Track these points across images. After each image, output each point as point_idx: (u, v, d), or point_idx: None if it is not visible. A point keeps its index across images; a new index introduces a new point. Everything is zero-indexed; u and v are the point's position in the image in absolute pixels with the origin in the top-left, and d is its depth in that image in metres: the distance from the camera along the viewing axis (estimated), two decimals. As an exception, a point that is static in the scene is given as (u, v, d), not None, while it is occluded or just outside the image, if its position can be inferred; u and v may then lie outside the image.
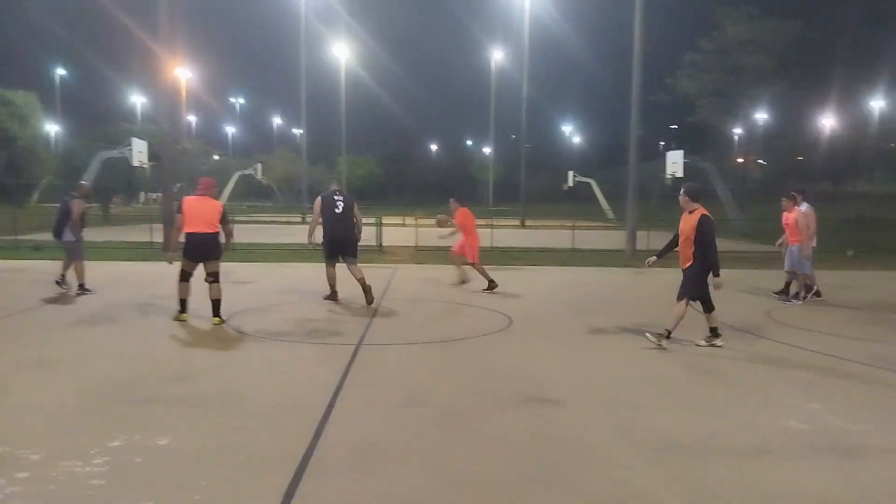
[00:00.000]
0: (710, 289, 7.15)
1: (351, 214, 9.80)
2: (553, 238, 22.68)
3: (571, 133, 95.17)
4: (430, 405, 5.18)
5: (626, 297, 11.53)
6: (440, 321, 8.88)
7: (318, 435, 4.45)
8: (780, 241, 11.31)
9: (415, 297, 10.69)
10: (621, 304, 10.46)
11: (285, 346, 7.10)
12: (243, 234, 19.58)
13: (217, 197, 8.78)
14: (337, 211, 9.69)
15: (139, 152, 24.38)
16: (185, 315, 8.34)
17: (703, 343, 7.25)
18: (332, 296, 9.97)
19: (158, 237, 17.93)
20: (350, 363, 6.36)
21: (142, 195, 59.22)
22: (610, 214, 44.91)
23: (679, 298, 7.08)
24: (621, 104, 20.69)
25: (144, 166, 25.77)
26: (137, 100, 62.28)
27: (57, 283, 10.40)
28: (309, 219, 15.46)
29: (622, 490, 3.76)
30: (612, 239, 22.01)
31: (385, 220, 20.70)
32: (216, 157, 65.85)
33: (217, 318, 8.15)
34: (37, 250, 16.27)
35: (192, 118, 66.32)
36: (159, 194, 55.32)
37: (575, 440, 4.51)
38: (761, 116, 46.88)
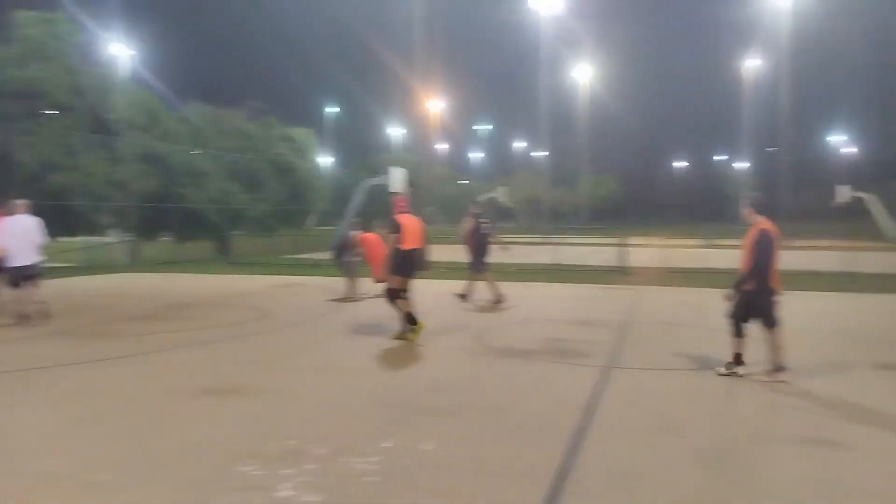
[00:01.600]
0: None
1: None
2: (817, 260, 20.36)
3: (841, 144, 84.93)
4: (690, 435, 4.89)
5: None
6: (696, 347, 8.39)
7: (572, 454, 4.42)
8: None
9: (665, 321, 10.24)
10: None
11: (535, 365, 7.19)
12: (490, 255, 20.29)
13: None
14: (483, 232, 11.63)
15: (397, 179, 26.57)
16: (417, 326, 8.30)
17: (723, 371, 6.63)
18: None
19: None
20: (601, 385, 6.26)
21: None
22: (893, 233, 39.24)
23: (768, 327, 6.41)
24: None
25: (401, 192, 27.96)
26: (396, 131, 67.93)
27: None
28: (549, 239, 15.65)
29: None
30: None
31: (628, 240, 20.19)
32: (462, 182, 69.33)
33: (421, 325, 8.41)
34: (314, 267, 18.40)
35: (442, 145, 70.70)
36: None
37: (859, 488, 3.96)
38: None
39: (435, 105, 45.99)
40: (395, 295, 8.25)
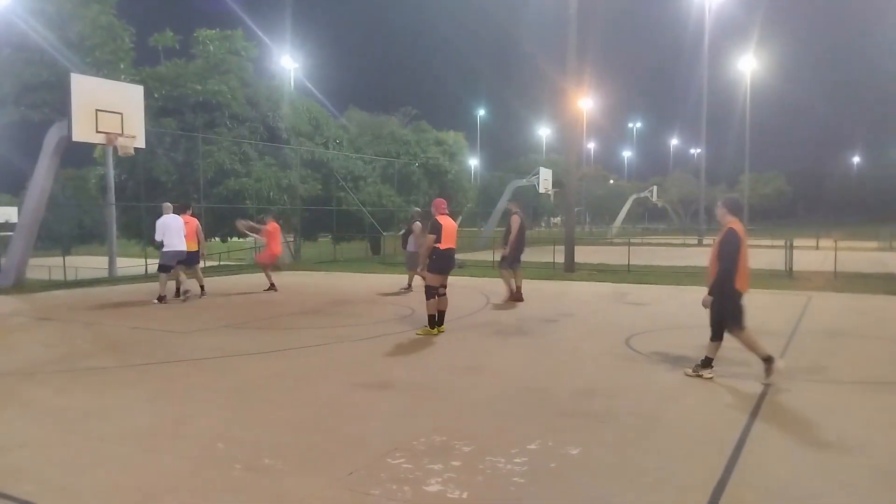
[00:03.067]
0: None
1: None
2: None
3: None
4: (864, 455, 4.49)
5: None
6: (868, 358, 7.67)
7: (728, 470, 4.21)
8: None
9: (834, 329, 9.43)
10: None
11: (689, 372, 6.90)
12: (638, 255, 19.70)
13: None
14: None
15: (545, 180, 26.46)
16: (435, 330, 8.89)
17: (689, 372, 6.58)
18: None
19: (560, 258, 19.11)
20: (763, 397, 5.90)
21: (543, 220, 63.93)
22: None
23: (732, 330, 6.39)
24: None
25: (549, 193, 27.79)
26: (543, 132, 67.57)
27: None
28: (703, 241, 14.89)
29: None
30: None
31: (795, 242, 18.76)
32: (611, 182, 67.68)
33: (441, 328, 8.93)
34: (460, 268, 18.74)
35: (591, 145, 69.43)
36: (559, 218, 59.31)
37: None
38: None
39: (585, 104, 45.17)
40: (433, 293, 8.83)
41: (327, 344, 8.44)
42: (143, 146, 15.25)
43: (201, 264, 13.80)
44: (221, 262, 24.41)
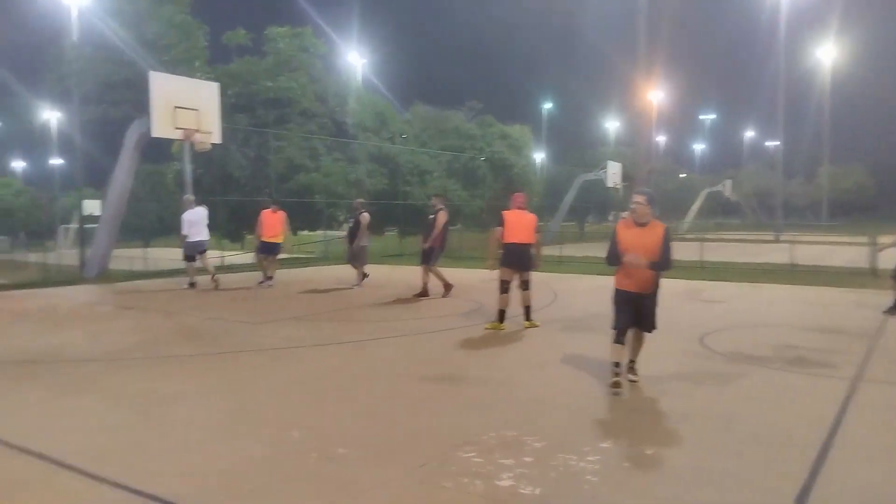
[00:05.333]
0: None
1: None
2: None
3: None
4: (964, 465, 4.22)
5: None
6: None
7: (813, 475, 4.02)
8: None
9: (928, 332, 8.91)
10: None
11: (768, 373, 6.64)
12: (710, 251, 19.11)
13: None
14: None
15: (613, 174, 25.96)
16: (502, 325, 8.85)
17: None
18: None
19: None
20: (848, 400, 5.61)
21: (611, 214, 62.83)
22: None
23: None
24: None
25: (618, 187, 27.27)
26: (612, 124, 66.40)
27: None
28: (780, 237, 14.28)
29: None
30: None
31: (880, 239, 17.82)
32: (682, 175, 65.94)
33: (528, 322, 8.91)
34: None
35: (661, 137, 67.82)
36: (627, 213, 57.88)
37: None
38: None
39: (655, 96, 44.20)
40: (506, 287, 8.76)
41: (396, 336, 8.51)
42: (219, 142, 15.72)
43: (278, 255, 14.54)
44: (295, 255, 24.98)
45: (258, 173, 21.65)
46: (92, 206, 24.98)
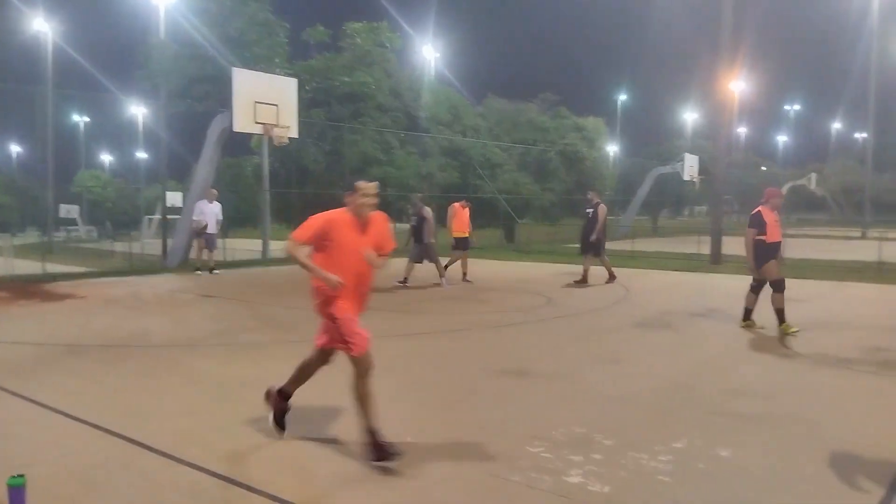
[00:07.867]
0: None
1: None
2: None
3: None
4: None
5: None
6: None
7: (894, 489, 3.82)
8: None
9: None
10: None
11: (853, 375, 6.34)
12: (794, 248, 18.34)
13: (778, 207, 8.53)
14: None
15: (690, 167, 25.21)
16: (749, 322, 8.60)
17: None
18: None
19: (705, 249, 18.20)
20: (942, 408, 5.31)
21: (686, 209, 61.05)
22: None
23: None
24: None
25: (695, 180, 26.48)
26: (689, 116, 64.45)
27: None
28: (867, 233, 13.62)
29: None
30: None
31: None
32: (764, 169, 63.41)
33: (785, 325, 8.19)
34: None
35: (741, 129, 65.36)
36: (704, 207, 56.43)
37: None
38: None
39: (736, 86, 42.64)
40: (780, 286, 8.25)
41: (466, 329, 8.55)
42: (296, 136, 16.12)
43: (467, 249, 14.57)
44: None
45: (332, 166, 22.09)
46: (174, 198, 26.03)
